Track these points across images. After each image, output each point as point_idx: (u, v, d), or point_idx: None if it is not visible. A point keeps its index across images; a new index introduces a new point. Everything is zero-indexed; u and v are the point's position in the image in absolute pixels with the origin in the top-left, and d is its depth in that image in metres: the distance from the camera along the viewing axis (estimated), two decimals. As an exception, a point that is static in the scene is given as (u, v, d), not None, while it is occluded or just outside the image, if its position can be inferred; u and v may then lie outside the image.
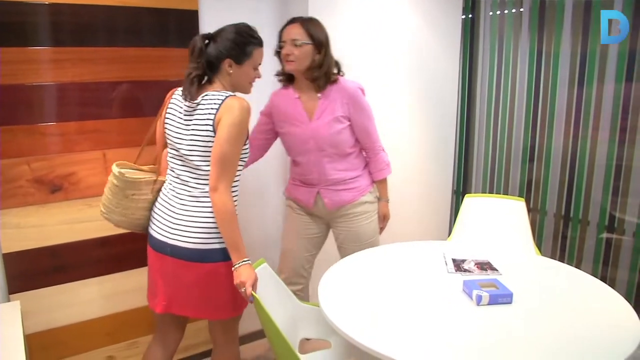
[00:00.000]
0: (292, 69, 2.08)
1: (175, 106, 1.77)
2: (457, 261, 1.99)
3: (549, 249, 2.95)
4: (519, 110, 3.03)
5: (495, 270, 1.91)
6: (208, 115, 1.66)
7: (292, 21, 2.07)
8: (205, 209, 1.71)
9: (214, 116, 1.65)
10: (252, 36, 1.75)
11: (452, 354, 1.39)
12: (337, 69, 2.14)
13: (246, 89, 1.80)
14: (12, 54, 1.91)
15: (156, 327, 1.97)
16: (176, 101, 1.78)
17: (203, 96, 1.69)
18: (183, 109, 1.73)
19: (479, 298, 1.63)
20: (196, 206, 1.72)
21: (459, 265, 1.96)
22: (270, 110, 2.22)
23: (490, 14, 3.15)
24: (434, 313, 1.62)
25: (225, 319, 1.83)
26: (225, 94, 1.68)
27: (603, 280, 1.82)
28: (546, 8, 2.79)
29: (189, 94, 1.68)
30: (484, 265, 1.94)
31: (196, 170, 1.72)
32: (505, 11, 3.04)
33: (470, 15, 3.22)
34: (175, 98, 1.79)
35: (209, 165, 1.68)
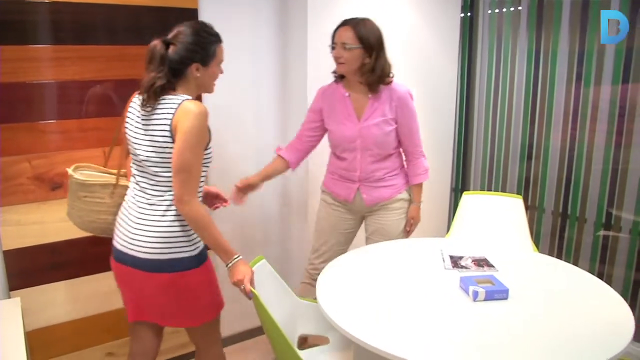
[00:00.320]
0: (343, 71, 2.13)
1: (134, 110, 1.67)
2: (455, 258, 2.01)
3: (546, 246, 2.97)
4: (517, 108, 3.04)
5: (492, 266, 1.92)
6: (164, 120, 1.57)
7: (344, 23, 2.08)
8: (163, 217, 1.62)
9: (170, 121, 1.56)
10: (212, 34, 1.64)
11: (449, 349, 1.40)
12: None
13: (211, 88, 1.71)
14: (13, 52, 1.92)
15: (131, 336, 1.86)
16: (135, 105, 1.67)
17: (159, 100, 1.59)
18: (141, 113, 1.62)
19: (475, 294, 1.65)
20: (154, 215, 1.63)
21: (456, 261, 1.97)
22: (319, 106, 2.24)
23: (489, 12, 3.15)
24: (431, 309, 1.63)
25: (197, 326, 1.75)
26: (181, 97, 1.58)
27: (600, 277, 1.84)
28: (544, 6, 2.80)
29: (148, 104, 1.58)
30: (481, 262, 1.96)
31: (154, 177, 1.63)
32: (504, 10, 3.05)
33: (469, 14, 3.23)
34: (135, 102, 1.68)
35: (167, 172, 1.60)
